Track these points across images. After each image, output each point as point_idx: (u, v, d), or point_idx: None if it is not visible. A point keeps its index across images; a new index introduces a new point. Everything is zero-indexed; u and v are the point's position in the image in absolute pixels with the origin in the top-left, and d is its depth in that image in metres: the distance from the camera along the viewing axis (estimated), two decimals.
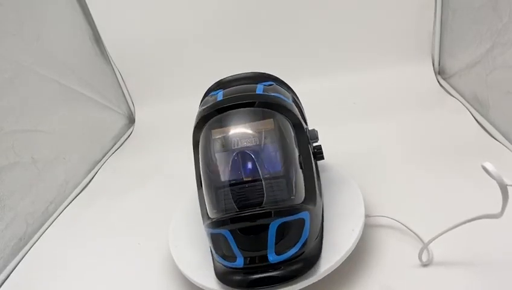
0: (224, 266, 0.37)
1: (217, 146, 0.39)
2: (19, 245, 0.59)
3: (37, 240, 0.61)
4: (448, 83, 0.78)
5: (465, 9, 0.69)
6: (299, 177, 0.38)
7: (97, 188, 0.74)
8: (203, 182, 0.40)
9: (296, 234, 0.36)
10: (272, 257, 0.35)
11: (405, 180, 0.54)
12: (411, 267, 0.41)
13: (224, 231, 0.35)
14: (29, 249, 0.59)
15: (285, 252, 0.35)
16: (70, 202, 0.70)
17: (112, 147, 0.86)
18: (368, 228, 0.46)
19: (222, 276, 0.37)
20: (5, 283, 0.54)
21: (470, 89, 0.69)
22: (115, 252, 0.54)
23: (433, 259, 0.41)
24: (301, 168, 0.39)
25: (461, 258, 0.41)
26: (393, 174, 0.56)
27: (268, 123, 0.38)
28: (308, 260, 0.36)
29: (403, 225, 0.45)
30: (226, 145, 0.38)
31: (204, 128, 0.40)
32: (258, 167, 0.37)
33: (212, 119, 0.40)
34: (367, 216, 0.44)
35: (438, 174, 0.54)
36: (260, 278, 0.35)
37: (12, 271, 0.56)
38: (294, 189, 0.37)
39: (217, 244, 0.37)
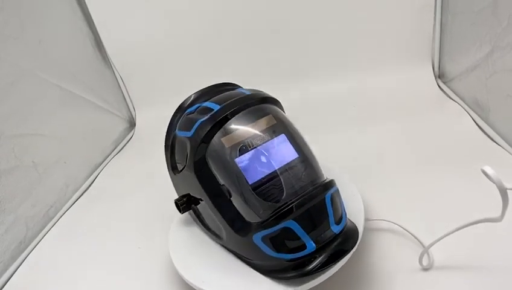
0: (291, 260, 0.36)
1: (233, 153, 0.38)
2: (19, 249, 0.59)
3: (37, 244, 0.61)
4: (448, 87, 0.78)
5: (465, 13, 0.69)
6: (315, 157, 0.42)
7: (97, 191, 0.74)
8: (232, 192, 0.38)
9: (339, 204, 0.39)
10: (335, 228, 0.37)
11: (405, 184, 0.54)
12: (412, 272, 0.41)
13: (287, 223, 0.35)
14: (30, 253, 0.59)
15: (341, 221, 0.38)
16: (71, 206, 0.70)
17: (113, 151, 0.87)
18: (368, 232, 0.46)
19: (291, 271, 0.36)
20: (5, 287, 0.54)
21: (470, 92, 0.69)
22: (115, 256, 0.54)
23: (434, 263, 0.41)
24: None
25: (462, 262, 0.40)
26: (393, 177, 0.56)
27: (269, 119, 0.41)
28: (354, 227, 0.39)
29: (403, 228, 0.45)
30: (243, 149, 0.38)
31: (213, 140, 0.39)
32: (283, 156, 0.39)
33: (221, 129, 0.39)
34: (367, 220, 0.44)
35: (438, 177, 0.54)
36: (334, 252, 0.36)
37: (12, 275, 0.55)
38: (318, 167, 0.41)
39: (278, 242, 0.36)
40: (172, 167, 0.46)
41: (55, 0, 0.77)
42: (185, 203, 0.43)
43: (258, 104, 0.41)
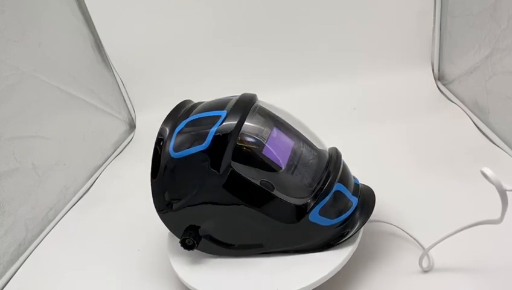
0: (344, 221, 0.40)
1: (257, 147, 0.39)
2: (19, 251, 0.59)
3: (36, 246, 0.61)
4: (448, 89, 0.78)
5: (464, 16, 0.69)
6: (309, 130, 0.45)
7: (97, 194, 0.74)
8: (274, 184, 0.38)
9: None
10: (356, 181, 0.44)
11: (405, 185, 0.54)
12: (412, 274, 0.41)
13: (336, 187, 0.39)
14: (29, 255, 0.59)
15: (355, 177, 0.44)
16: (71, 208, 0.70)
17: (113, 153, 0.87)
18: (368, 234, 0.46)
19: (346, 232, 0.40)
20: (4, 289, 0.54)
21: (470, 94, 0.69)
22: (115, 258, 0.54)
23: (434, 265, 0.41)
24: None
25: (462, 264, 0.40)
26: (393, 179, 0.56)
27: (260, 116, 0.41)
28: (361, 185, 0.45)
29: (403, 230, 0.45)
30: (261, 142, 0.39)
31: (238, 145, 0.38)
32: (287, 140, 0.41)
33: (240, 132, 0.38)
34: (367, 222, 0.44)
35: (438, 179, 0.54)
36: (372, 199, 0.43)
37: (11, 277, 0.55)
38: (318, 138, 0.44)
39: (334, 207, 0.39)
40: (167, 205, 0.41)
41: (55, 2, 0.78)
42: (197, 237, 0.40)
43: (254, 104, 0.42)
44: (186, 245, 0.40)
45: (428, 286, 0.39)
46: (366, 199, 0.43)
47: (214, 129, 0.38)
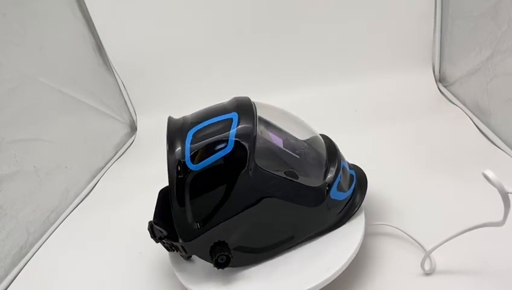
0: (353, 192, 0.44)
1: (268, 141, 0.40)
2: (20, 254, 0.59)
3: (38, 249, 0.61)
4: (449, 91, 0.78)
5: (465, 18, 0.69)
6: (297, 117, 0.47)
7: (99, 196, 0.74)
8: (297, 171, 0.40)
9: None
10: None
11: (406, 187, 0.54)
12: (413, 276, 0.41)
13: (342, 164, 0.44)
14: (30, 258, 0.59)
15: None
16: (72, 211, 0.70)
17: (114, 156, 0.87)
18: (370, 236, 0.46)
19: (355, 202, 0.44)
20: None
21: (471, 96, 0.69)
22: (116, 261, 0.54)
23: (436, 268, 0.41)
24: None
25: (464, 267, 0.40)
26: (394, 181, 0.56)
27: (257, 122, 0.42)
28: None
29: (404, 233, 0.45)
30: (268, 136, 0.41)
31: (259, 142, 0.38)
32: (280, 134, 0.43)
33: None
34: (368, 224, 0.44)
35: (439, 181, 0.54)
36: (361, 170, 0.48)
37: (13, 280, 0.55)
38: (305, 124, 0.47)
39: (344, 182, 0.43)
40: (197, 227, 0.37)
41: (56, 5, 0.78)
42: (229, 250, 0.37)
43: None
44: (220, 264, 0.37)
45: (430, 288, 0.39)
46: (357, 172, 0.47)
47: (233, 131, 0.37)
